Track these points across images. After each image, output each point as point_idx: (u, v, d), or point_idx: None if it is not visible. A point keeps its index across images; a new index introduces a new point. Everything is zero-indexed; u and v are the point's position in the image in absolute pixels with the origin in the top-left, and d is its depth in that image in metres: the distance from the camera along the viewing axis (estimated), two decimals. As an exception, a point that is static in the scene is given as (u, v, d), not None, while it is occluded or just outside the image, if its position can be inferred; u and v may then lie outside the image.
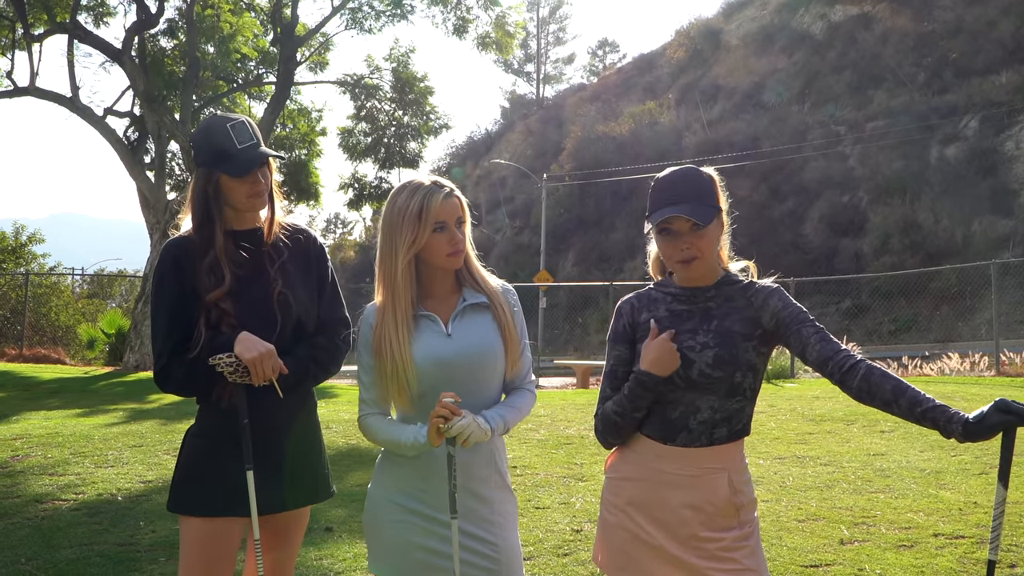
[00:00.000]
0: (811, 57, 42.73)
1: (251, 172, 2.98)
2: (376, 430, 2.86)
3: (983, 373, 16.53)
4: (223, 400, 2.97)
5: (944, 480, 7.33)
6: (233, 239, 3.05)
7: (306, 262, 3.16)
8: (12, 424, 10.82)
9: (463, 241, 2.82)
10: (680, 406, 2.68)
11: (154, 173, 21.56)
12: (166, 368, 2.96)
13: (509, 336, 2.86)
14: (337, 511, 6.49)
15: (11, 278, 24.69)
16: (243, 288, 3.00)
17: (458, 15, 23.72)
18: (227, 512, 2.95)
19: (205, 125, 3.05)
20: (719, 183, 2.76)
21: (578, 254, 44.16)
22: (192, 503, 2.98)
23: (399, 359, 2.76)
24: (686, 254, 2.64)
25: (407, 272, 2.80)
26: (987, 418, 2.28)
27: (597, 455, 8.61)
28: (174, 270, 2.99)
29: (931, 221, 31.46)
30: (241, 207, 3.05)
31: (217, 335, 2.92)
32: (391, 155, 27.28)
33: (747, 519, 2.70)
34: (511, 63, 70.46)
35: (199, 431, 3.07)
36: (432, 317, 2.83)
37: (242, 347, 2.86)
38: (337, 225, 74.83)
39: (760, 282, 2.75)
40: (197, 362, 2.90)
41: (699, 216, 2.60)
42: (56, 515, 6.51)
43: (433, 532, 2.78)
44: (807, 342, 2.57)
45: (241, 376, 2.87)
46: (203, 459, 3.02)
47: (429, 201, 2.76)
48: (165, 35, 24.19)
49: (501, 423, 2.77)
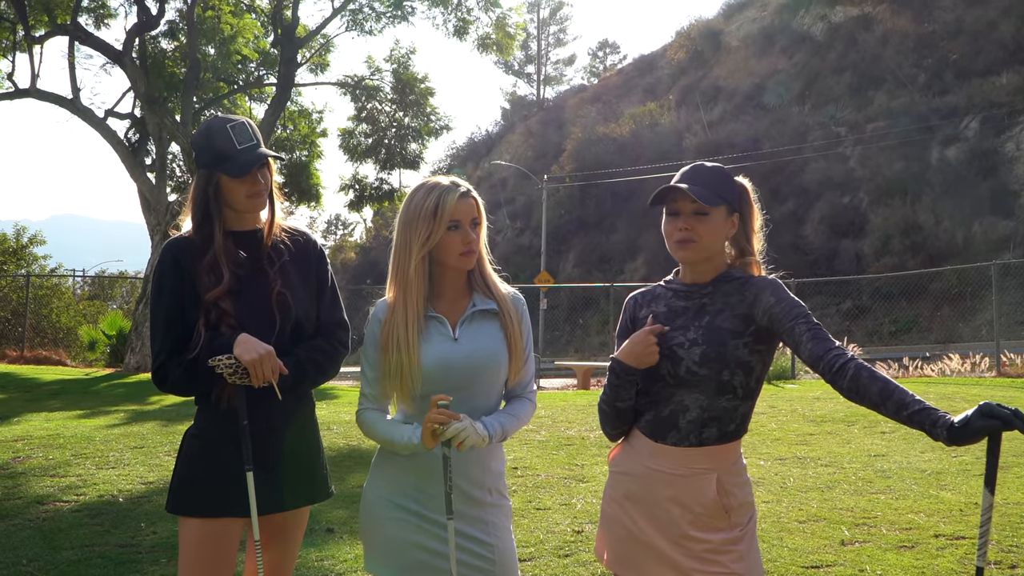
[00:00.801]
0: (811, 58, 42.77)
1: (250, 172, 2.98)
2: (372, 425, 2.88)
3: (984, 374, 16.53)
4: (222, 402, 2.97)
5: (945, 481, 7.33)
6: (233, 240, 3.05)
7: (306, 264, 3.16)
8: (13, 426, 10.82)
9: (476, 242, 2.82)
10: (671, 404, 2.69)
11: (155, 175, 21.58)
12: (164, 367, 2.96)
13: (514, 345, 2.87)
14: (338, 512, 6.50)
15: (12, 280, 24.69)
16: (242, 288, 3.00)
17: (458, 16, 23.73)
18: (225, 513, 2.95)
19: (205, 127, 3.06)
20: (748, 190, 2.79)
21: (579, 255, 44.18)
22: (190, 504, 2.99)
23: (405, 358, 2.77)
24: (683, 235, 2.67)
25: (420, 269, 2.81)
26: (971, 423, 2.23)
27: (598, 456, 8.62)
28: (174, 270, 3.00)
29: (932, 222, 31.47)
30: (241, 207, 3.05)
31: (216, 336, 2.92)
32: (392, 156, 27.26)
33: (738, 521, 2.68)
34: (512, 64, 70.58)
35: (197, 432, 3.07)
36: (440, 319, 2.84)
37: (241, 348, 2.85)
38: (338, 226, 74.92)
39: (757, 277, 2.74)
40: (196, 363, 2.90)
41: (701, 196, 2.62)
42: (57, 516, 6.52)
43: (429, 532, 2.79)
44: (799, 340, 2.54)
45: (240, 378, 2.86)
46: (201, 460, 3.03)
47: (445, 199, 2.78)
48: (166, 37, 24.21)
49: (500, 430, 2.78)
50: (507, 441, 2.91)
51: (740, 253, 2.79)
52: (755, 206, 2.80)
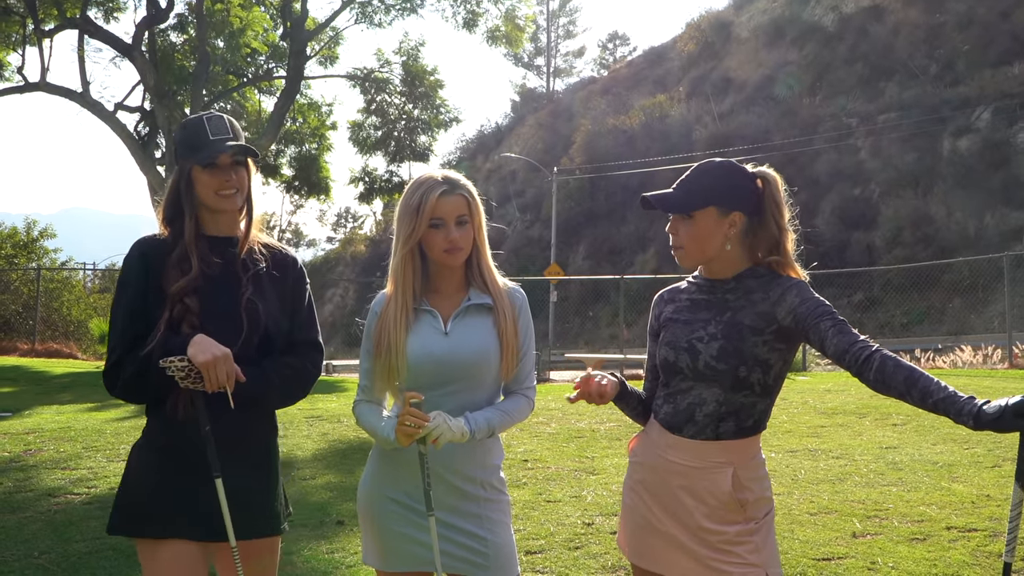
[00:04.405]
0: (822, 49, 42.55)
1: (217, 159, 2.86)
2: (361, 417, 2.91)
3: (996, 365, 16.46)
4: (178, 411, 2.78)
5: (957, 473, 7.29)
6: (207, 244, 2.92)
7: (283, 278, 3.02)
8: (25, 418, 10.86)
9: (461, 240, 2.80)
10: (688, 397, 2.70)
11: (165, 168, 21.61)
12: (117, 366, 2.80)
13: (507, 342, 2.85)
14: (348, 504, 6.51)
15: (23, 273, 24.79)
16: (211, 288, 2.85)
17: (468, 8, 23.71)
18: (182, 534, 2.76)
19: (184, 122, 3.00)
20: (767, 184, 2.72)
21: (588, 247, 44.11)
22: (141, 524, 2.79)
23: (393, 349, 2.78)
24: (672, 240, 2.73)
25: (406, 263, 2.82)
26: (1004, 419, 2.22)
27: (608, 448, 8.60)
28: (139, 265, 2.88)
29: (943, 213, 31.33)
30: (210, 203, 2.90)
31: (173, 336, 2.75)
32: (401, 149, 27.29)
33: (754, 515, 2.68)
34: (521, 57, 70.29)
35: (146, 444, 2.89)
36: (433, 313, 2.85)
37: (195, 349, 2.67)
38: (348, 219, 74.88)
39: (783, 277, 2.71)
40: (148, 361, 2.72)
41: (672, 203, 2.69)
42: (69, 509, 6.54)
43: (421, 525, 2.79)
44: (825, 336, 2.52)
45: (193, 382, 2.68)
46: (153, 474, 2.83)
47: (427, 197, 2.77)
48: (175, 30, 24.27)
49: (485, 426, 2.76)
50: (517, 433, 2.91)
51: (768, 251, 2.74)
52: (777, 199, 2.73)
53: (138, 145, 21.70)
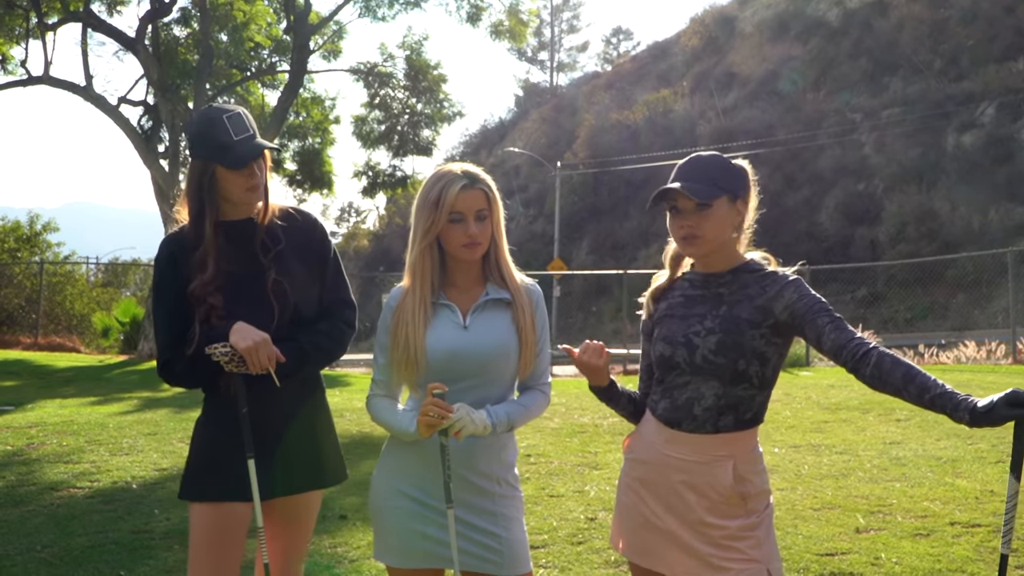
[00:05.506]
0: (826, 44, 42.49)
1: (248, 164, 2.96)
2: (378, 412, 2.89)
3: (1000, 361, 16.43)
4: (223, 389, 3.00)
5: (960, 468, 7.28)
6: (227, 230, 3.06)
7: (305, 245, 3.15)
8: (27, 412, 10.87)
9: (481, 235, 2.77)
10: (686, 391, 2.68)
11: (168, 162, 21.59)
12: (170, 362, 3.02)
13: (525, 337, 2.84)
14: (351, 499, 6.50)
15: (26, 267, 24.79)
16: (236, 280, 3.01)
17: (471, 3, 23.65)
18: (231, 498, 2.99)
19: (199, 117, 3.04)
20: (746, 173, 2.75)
21: (592, 242, 44.09)
22: (199, 490, 3.04)
23: (412, 343, 2.76)
24: (686, 231, 2.66)
25: (425, 257, 2.80)
26: (996, 410, 2.23)
27: (611, 443, 8.60)
28: (171, 265, 3.03)
29: (947, 209, 31.31)
30: (237, 200, 3.04)
31: (211, 329, 2.94)
32: (405, 143, 27.20)
33: (755, 508, 2.67)
34: (525, 51, 70.29)
35: (205, 420, 3.13)
36: (452, 307, 2.83)
37: (237, 336, 2.88)
38: (351, 214, 74.84)
39: (779, 272, 2.71)
40: (196, 355, 2.93)
41: (697, 192, 2.61)
42: (71, 503, 6.54)
43: (434, 521, 2.78)
44: (821, 331, 2.52)
45: (238, 365, 2.89)
46: (209, 447, 3.08)
47: (447, 190, 2.74)
48: (178, 23, 24.18)
49: (505, 420, 2.77)
50: (520, 428, 2.90)
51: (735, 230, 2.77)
52: (753, 189, 2.77)
53: (141, 139, 21.66)
